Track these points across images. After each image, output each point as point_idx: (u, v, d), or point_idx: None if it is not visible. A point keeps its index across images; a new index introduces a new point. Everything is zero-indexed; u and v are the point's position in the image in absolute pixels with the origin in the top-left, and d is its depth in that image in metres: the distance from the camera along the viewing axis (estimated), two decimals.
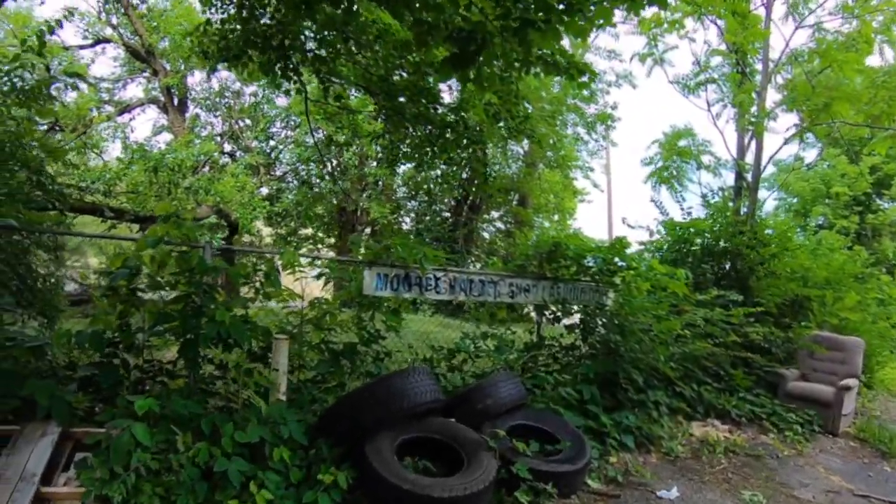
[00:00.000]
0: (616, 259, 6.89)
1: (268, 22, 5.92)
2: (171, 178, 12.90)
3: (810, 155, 20.37)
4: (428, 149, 7.08)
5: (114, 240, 12.47)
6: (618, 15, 3.99)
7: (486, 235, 21.56)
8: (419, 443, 4.27)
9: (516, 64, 3.79)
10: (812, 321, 9.02)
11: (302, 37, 5.93)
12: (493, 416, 4.69)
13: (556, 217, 21.78)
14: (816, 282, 9.22)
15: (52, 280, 5.36)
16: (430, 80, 6.70)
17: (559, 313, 6.76)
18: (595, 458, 4.94)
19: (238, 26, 6.00)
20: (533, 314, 7.19)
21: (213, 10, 6.18)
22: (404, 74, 6.84)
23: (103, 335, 4.02)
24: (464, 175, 16.79)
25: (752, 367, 7.84)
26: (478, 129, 6.75)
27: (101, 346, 4.02)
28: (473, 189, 17.43)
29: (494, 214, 21.59)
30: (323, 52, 5.90)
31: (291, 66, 6.38)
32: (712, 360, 7.43)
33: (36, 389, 3.54)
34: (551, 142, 17.09)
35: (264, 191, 18.78)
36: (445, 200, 19.47)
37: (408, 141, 7.44)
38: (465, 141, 6.79)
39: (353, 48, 5.96)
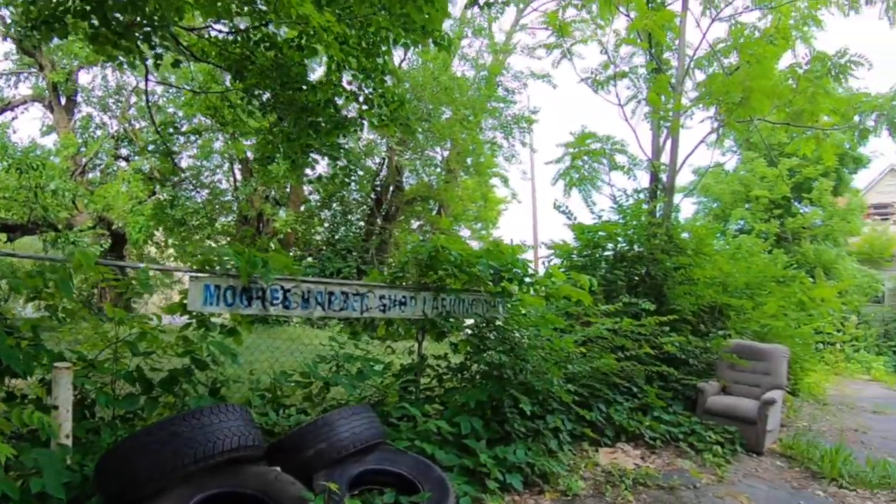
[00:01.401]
0: (513, 267, 6.00)
1: None
2: (37, 180, 11.34)
3: (730, 163, 20.40)
4: (294, 140, 6.03)
5: None
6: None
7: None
8: (226, 501, 3.25)
9: None
10: (730, 329, 8.49)
11: None
12: (330, 462, 3.69)
13: (479, 226, 20.89)
14: (737, 287, 8.77)
15: None
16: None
17: (445, 329, 5.79)
18: None
19: None
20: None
21: None
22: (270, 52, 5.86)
23: None
24: (377, 181, 15.81)
25: (669, 382, 7.12)
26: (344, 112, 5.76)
27: None
28: (389, 196, 16.40)
29: (414, 224, 20.51)
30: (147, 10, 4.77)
31: (119, 32, 5.28)
32: (624, 376, 6.64)
33: None
34: (471, 148, 16.29)
35: (163, 197, 17.16)
36: (362, 209, 18.25)
37: (276, 130, 6.40)
38: (328, 126, 5.73)
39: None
